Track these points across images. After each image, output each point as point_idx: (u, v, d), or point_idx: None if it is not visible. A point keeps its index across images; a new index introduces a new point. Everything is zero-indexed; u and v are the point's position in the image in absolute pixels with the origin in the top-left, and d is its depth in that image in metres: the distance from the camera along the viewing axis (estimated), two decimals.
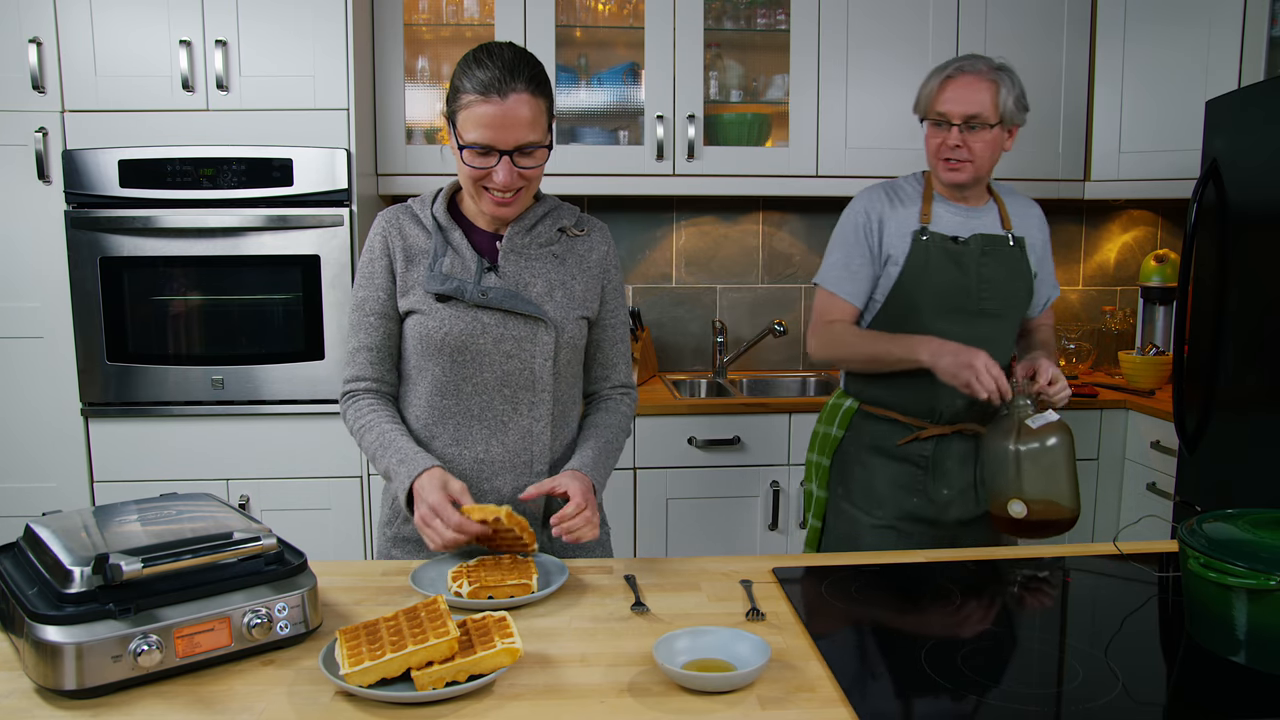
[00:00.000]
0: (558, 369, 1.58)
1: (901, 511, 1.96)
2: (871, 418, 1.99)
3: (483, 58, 1.45)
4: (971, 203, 1.98)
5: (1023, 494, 1.74)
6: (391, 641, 1.08)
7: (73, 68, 2.58)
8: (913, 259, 1.91)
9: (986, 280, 1.93)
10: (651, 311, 3.39)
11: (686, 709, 1.05)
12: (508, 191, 1.49)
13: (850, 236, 1.97)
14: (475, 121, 1.44)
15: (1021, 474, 1.74)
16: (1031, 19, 3.05)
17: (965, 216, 1.96)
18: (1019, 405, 1.77)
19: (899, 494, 1.96)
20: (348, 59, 2.64)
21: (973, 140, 1.87)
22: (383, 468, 1.52)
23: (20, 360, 2.67)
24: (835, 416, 2.05)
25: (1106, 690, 1.09)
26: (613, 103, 3.08)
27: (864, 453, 2.00)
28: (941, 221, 1.95)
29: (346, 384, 1.61)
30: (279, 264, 2.65)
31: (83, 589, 1.08)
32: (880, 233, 1.94)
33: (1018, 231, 1.99)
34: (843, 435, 2.02)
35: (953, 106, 1.87)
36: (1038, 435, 1.74)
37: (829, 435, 2.05)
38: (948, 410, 1.93)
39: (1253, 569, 1.11)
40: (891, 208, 1.96)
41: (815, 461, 2.08)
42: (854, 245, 1.96)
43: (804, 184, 3.04)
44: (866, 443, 2.00)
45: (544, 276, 1.57)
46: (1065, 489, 1.76)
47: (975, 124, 1.87)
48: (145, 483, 2.66)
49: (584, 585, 1.42)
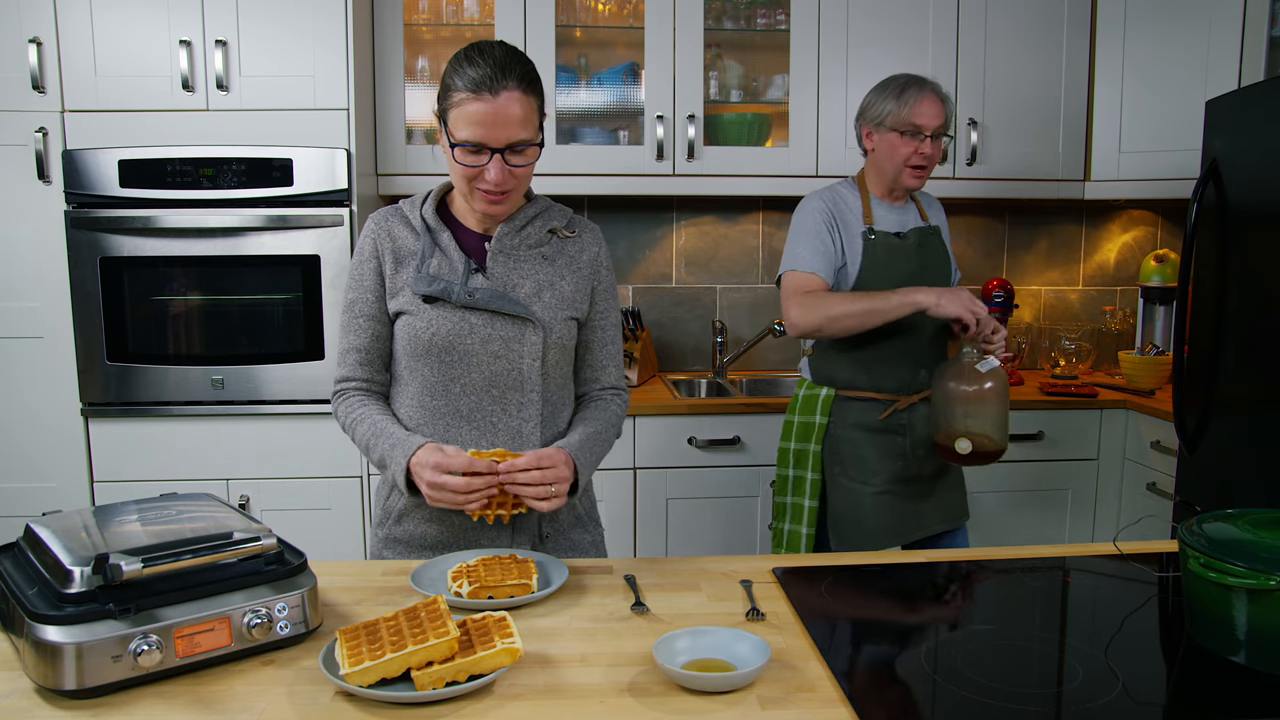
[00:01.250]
0: (546, 369, 1.58)
1: (893, 476, 2.18)
2: (850, 400, 2.21)
3: (474, 56, 1.45)
4: (898, 202, 2.26)
5: (968, 430, 2.03)
6: (391, 641, 1.08)
7: (73, 68, 2.58)
8: (867, 255, 2.17)
9: (924, 265, 2.22)
10: (651, 311, 3.39)
11: (686, 709, 1.05)
12: (499, 190, 1.49)
13: (814, 228, 2.17)
14: (467, 120, 1.44)
15: (968, 412, 2.03)
16: (1031, 19, 3.05)
17: (897, 214, 2.25)
18: (966, 353, 2.05)
19: (888, 461, 2.18)
20: (348, 59, 2.64)
21: (935, 150, 2.16)
22: (377, 456, 1.53)
23: (20, 360, 2.67)
24: (815, 405, 2.24)
25: (1106, 690, 1.09)
26: (613, 103, 3.08)
27: (849, 431, 2.20)
28: (881, 220, 2.22)
29: (337, 384, 1.63)
30: (279, 264, 2.65)
31: (83, 589, 1.08)
32: (839, 230, 2.18)
33: (933, 222, 2.30)
34: (827, 421, 2.23)
35: (928, 120, 2.13)
36: (982, 379, 2.02)
37: (812, 423, 2.25)
38: (917, 381, 2.19)
39: (1253, 569, 1.11)
40: (841, 211, 2.20)
41: (798, 450, 2.27)
42: (818, 235, 2.16)
43: (804, 184, 3.03)
44: (849, 422, 2.20)
45: (532, 277, 1.57)
46: (1001, 426, 2.05)
47: (938, 134, 2.15)
48: (145, 483, 2.66)
49: (584, 585, 1.42)
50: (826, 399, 2.22)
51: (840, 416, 2.21)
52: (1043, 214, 3.48)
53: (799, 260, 2.15)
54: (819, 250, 2.14)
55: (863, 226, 2.17)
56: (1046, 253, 3.53)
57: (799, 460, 2.27)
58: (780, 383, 3.33)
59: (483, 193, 1.50)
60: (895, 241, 2.18)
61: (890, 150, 2.16)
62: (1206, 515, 1.27)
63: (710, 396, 3.20)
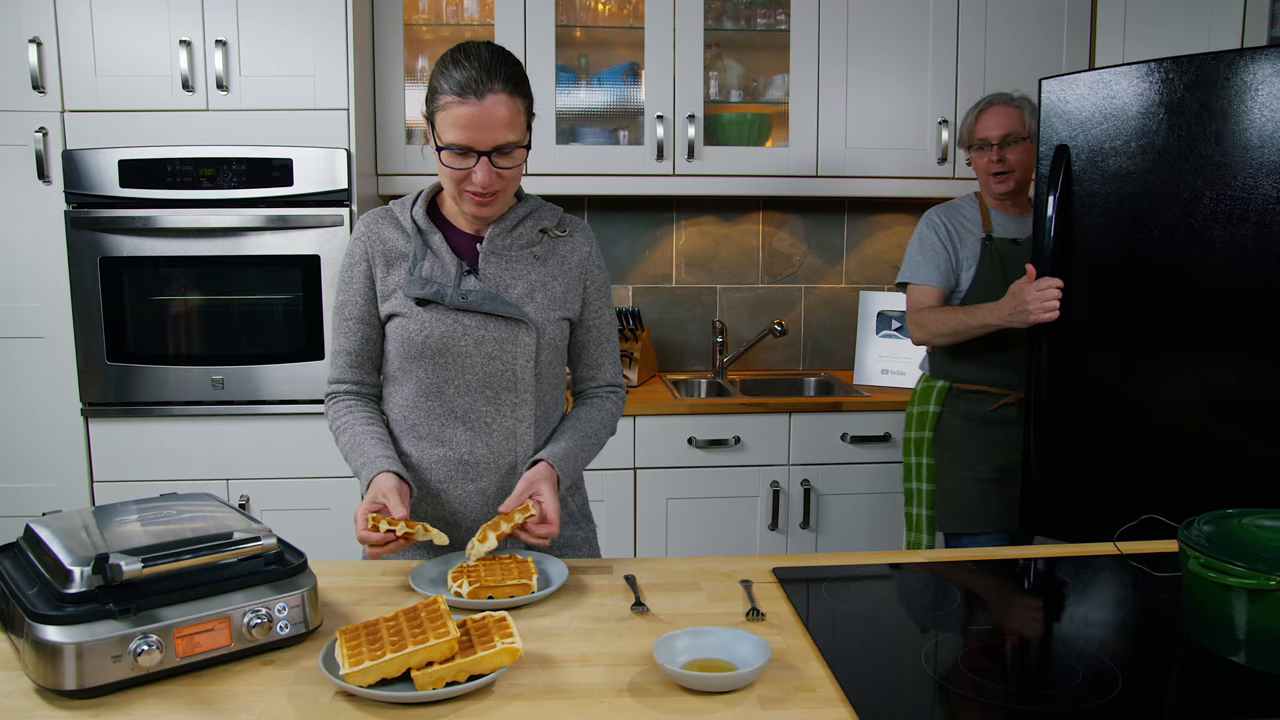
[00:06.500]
0: (539, 369, 1.58)
1: (998, 465, 2.32)
2: (963, 392, 2.39)
3: (460, 58, 1.44)
4: (1018, 211, 2.42)
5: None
6: (391, 641, 1.08)
7: (73, 68, 2.58)
8: (984, 260, 2.36)
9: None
10: (651, 311, 3.39)
11: (686, 709, 1.05)
12: (487, 192, 1.49)
13: (929, 240, 2.39)
14: (453, 122, 1.44)
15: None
16: (1031, 19, 3.05)
17: (1017, 222, 2.40)
18: None
19: (995, 451, 2.33)
20: (348, 59, 2.64)
21: (1010, 154, 2.32)
22: (352, 469, 1.56)
23: (20, 360, 2.67)
24: (930, 396, 2.43)
25: (1106, 690, 1.09)
26: (613, 103, 3.08)
27: (959, 420, 2.39)
28: (1000, 228, 2.40)
29: (329, 385, 1.64)
30: (279, 264, 2.65)
31: (83, 589, 1.08)
32: (954, 240, 2.38)
33: None
34: (939, 410, 2.41)
35: (991, 132, 2.34)
36: None
37: (927, 412, 2.43)
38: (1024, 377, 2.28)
39: (1253, 569, 1.11)
40: (957, 222, 2.40)
41: (916, 438, 2.46)
42: (932, 245, 2.38)
43: (804, 184, 3.04)
44: (960, 412, 2.39)
45: (524, 278, 1.57)
46: None
47: (1010, 140, 2.32)
48: (145, 483, 2.66)
49: (584, 585, 1.42)
50: (941, 390, 2.41)
51: (952, 407, 2.40)
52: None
53: (914, 272, 2.40)
54: (931, 261, 2.37)
55: (981, 234, 2.38)
56: None
57: (917, 448, 2.45)
58: (780, 383, 3.33)
59: (471, 195, 1.50)
60: (1012, 247, 2.34)
61: (975, 165, 2.41)
62: (1206, 515, 1.27)
63: (710, 396, 3.20)
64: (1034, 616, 1.35)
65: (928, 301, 2.36)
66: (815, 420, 2.84)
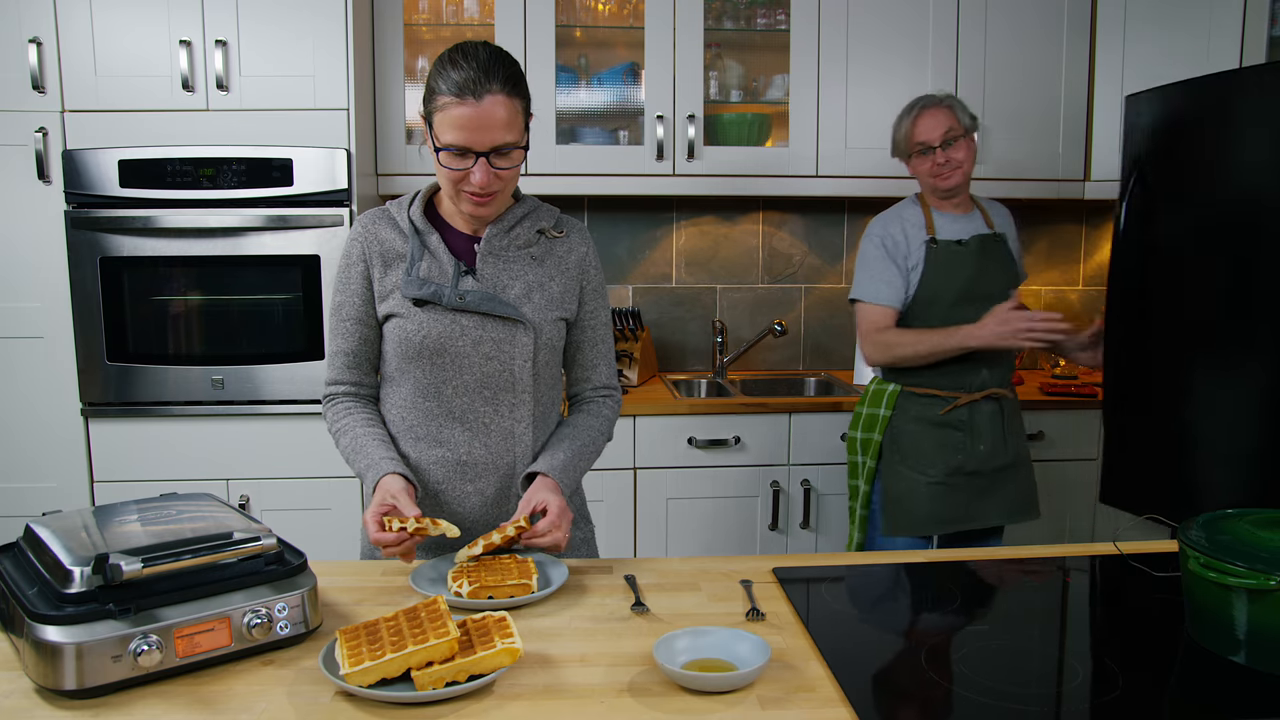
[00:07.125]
0: (537, 370, 1.58)
1: (949, 468, 2.31)
2: (914, 396, 2.35)
3: (457, 59, 1.44)
4: (961, 210, 2.39)
5: None
6: (391, 642, 1.08)
7: (73, 68, 2.58)
8: (929, 262, 2.32)
9: (984, 271, 2.34)
10: (651, 311, 3.39)
11: (686, 709, 1.05)
12: (485, 192, 1.49)
13: (876, 255, 2.34)
14: (451, 123, 1.44)
15: None
16: (1031, 19, 3.04)
17: (960, 223, 2.37)
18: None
19: (945, 453, 2.32)
20: (348, 59, 2.64)
21: (954, 153, 2.29)
22: (356, 471, 1.56)
23: (20, 360, 2.67)
24: (881, 399, 2.38)
25: (1106, 690, 1.09)
26: (613, 103, 3.08)
27: (911, 424, 2.35)
28: (944, 229, 2.36)
29: (327, 386, 1.64)
30: (279, 264, 2.65)
31: (83, 589, 1.08)
32: (901, 250, 2.33)
33: (998, 229, 2.42)
34: (890, 414, 2.36)
35: (930, 134, 2.29)
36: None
37: (877, 415, 2.39)
38: (977, 380, 2.32)
39: (1253, 569, 1.11)
40: (902, 227, 2.35)
41: (864, 438, 2.42)
42: (881, 260, 2.33)
43: (804, 184, 3.04)
44: (913, 415, 2.35)
45: (522, 278, 1.57)
46: None
47: (950, 140, 2.28)
48: (145, 483, 2.66)
49: (584, 585, 1.42)
50: (892, 394, 2.36)
51: (904, 410, 2.36)
52: (1043, 214, 3.47)
53: (865, 290, 2.34)
54: (882, 278, 2.32)
55: (925, 236, 2.34)
56: (1047, 253, 3.53)
57: (863, 447, 2.42)
58: (780, 383, 3.33)
59: (469, 195, 1.50)
60: (955, 248, 2.33)
61: (916, 170, 2.36)
62: (1206, 515, 1.27)
63: (710, 396, 3.20)
64: (1034, 616, 1.35)
65: (885, 322, 2.32)
66: (815, 420, 2.84)
